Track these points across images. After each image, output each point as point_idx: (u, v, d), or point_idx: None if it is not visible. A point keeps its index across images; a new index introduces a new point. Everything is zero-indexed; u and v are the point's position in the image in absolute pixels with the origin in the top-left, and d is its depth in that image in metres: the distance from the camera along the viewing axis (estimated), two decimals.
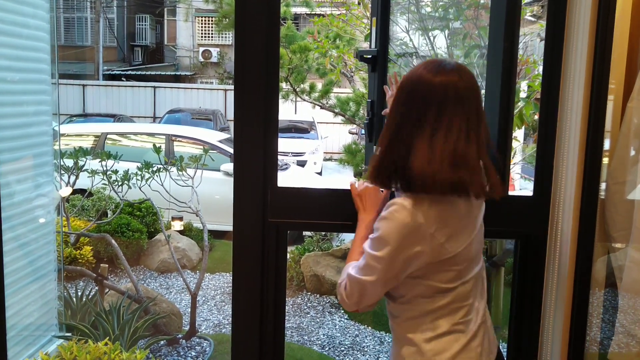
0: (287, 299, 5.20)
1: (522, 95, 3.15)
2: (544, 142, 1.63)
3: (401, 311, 1.38)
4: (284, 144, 10.94)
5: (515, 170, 5.97)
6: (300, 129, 12.54)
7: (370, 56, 2.12)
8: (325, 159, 11.99)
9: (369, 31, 3.97)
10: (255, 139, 1.59)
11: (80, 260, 5.08)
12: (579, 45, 1.53)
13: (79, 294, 3.94)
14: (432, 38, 3.16)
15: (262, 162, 1.60)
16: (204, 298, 5.20)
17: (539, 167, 1.65)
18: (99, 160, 4.37)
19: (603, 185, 1.57)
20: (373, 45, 2.15)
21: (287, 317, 4.90)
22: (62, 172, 4.34)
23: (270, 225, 1.65)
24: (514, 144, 3.91)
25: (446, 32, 3.11)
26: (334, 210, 1.68)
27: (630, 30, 1.54)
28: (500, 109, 1.54)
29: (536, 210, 1.66)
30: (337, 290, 1.40)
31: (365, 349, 4.49)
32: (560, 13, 1.57)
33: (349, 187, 1.56)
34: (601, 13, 1.48)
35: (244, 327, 1.71)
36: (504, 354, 1.60)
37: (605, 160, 1.55)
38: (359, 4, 4.43)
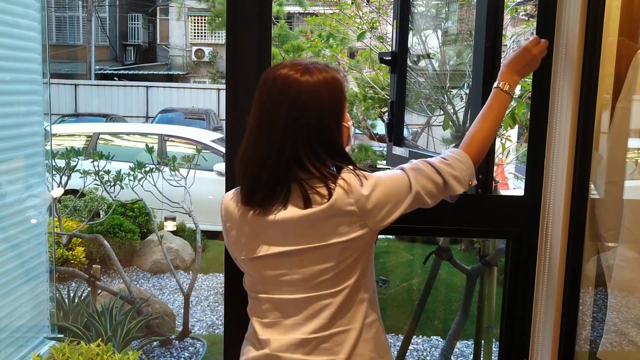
0: None
1: (516, 93, 3.16)
2: (535, 142, 1.64)
3: None
4: None
5: (509, 170, 6.00)
6: None
7: (390, 58, 2.16)
8: None
9: (362, 31, 3.99)
10: None
11: (72, 261, 5.05)
12: (568, 46, 1.54)
13: (71, 295, 3.93)
14: (424, 38, 3.16)
15: None
16: (197, 299, 5.19)
17: (530, 167, 1.66)
18: (91, 160, 4.35)
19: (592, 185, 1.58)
20: (393, 48, 2.19)
21: None
22: (54, 172, 4.32)
23: None
24: (507, 143, 3.93)
25: (438, 32, 3.12)
26: None
27: (620, 30, 1.55)
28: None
29: (527, 210, 1.67)
30: None
31: None
32: (550, 13, 1.58)
33: None
34: (590, 13, 1.49)
35: (236, 328, 1.70)
36: (496, 352, 1.61)
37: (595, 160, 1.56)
38: (352, 3, 4.43)
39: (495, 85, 1.44)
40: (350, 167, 1.26)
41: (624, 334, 1.52)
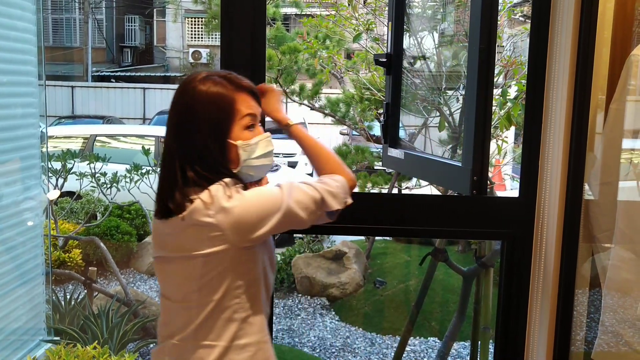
0: (277, 301, 5.21)
1: (512, 94, 3.18)
2: (529, 144, 1.65)
3: None
4: (275, 145, 10.90)
5: (506, 171, 6.01)
6: None
7: (385, 60, 2.17)
8: None
9: (358, 32, 4.00)
10: None
11: (69, 264, 5.04)
12: (562, 48, 1.54)
13: (68, 297, 3.92)
14: (420, 39, 3.17)
15: None
16: None
17: (525, 169, 1.66)
18: (87, 162, 4.35)
19: (585, 186, 1.58)
20: (388, 50, 2.19)
21: (277, 319, 4.91)
22: (50, 174, 4.31)
23: None
24: (504, 144, 3.93)
25: (434, 33, 3.13)
26: None
27: (613, 33, 1.56)
28: (477, 111, 1.55)
29: (522, 211, 1.67)
30: None
31: (356, 351, 4.49)
32: (544, 15, 1.58)
33: None
34: (584, 15, 1.49)
35: None
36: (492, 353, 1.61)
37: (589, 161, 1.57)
38: (348, 4, 4.44)
39: (287, 129, 1.45)
40: (230, 179, 1.25)
41: (618, 334, 1.53)
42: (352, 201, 1.34)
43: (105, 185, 4.39)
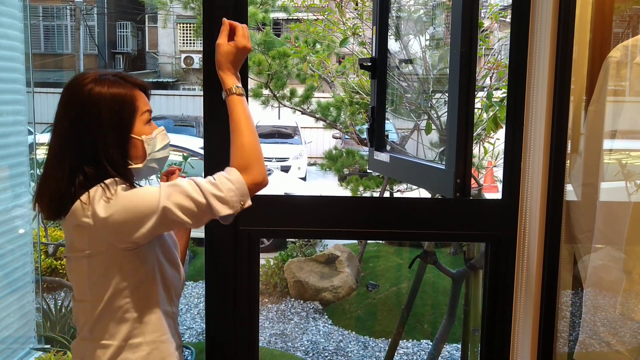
0: (270, 306, 5.21)
1: (499, 97, 3.20)
2: (512, 146, 1.66)
3: None
4: (268, 149, 10.93)
5: (498, 172, 6.02)
6: (284, 134, 12.54)
7: (370, 64, 2.18)
8: (310, 164, 12.01)
9: (345, 36, 4.01)
10: (226, 145, 1.59)
11: (61, 271, 5.03)
12: (541, 52, 1.56)
13: (58, 305, 3.90)
14: (408, 43, 3.19)
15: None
16: (186, 306, 5.17)
17: (507, 171, 1.68)
18: None
19: (569, 187, 1.59)
20: (373, 54, 2.21)
21: (270, 324, 4.91)
22: None
23: (242, 233, 1.66)
24: (495, 145, 3.95)
25: (421, 37, 3.15)
26: (305, 217, 1.69)
27: (592, 35, 1.57)
28: (459, 113, 1.56)
29: (505, 214, 1.68)
30: None
31: (349, 354, 4.49)
32: (523, 18, 1.60)
33: (320, 194, 1.56)
34: (562, 18, 1.51)
35: (218, 335, 1.71)
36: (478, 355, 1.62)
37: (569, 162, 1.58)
38: (336, 8, 4.46)
39: (226, 95, 1.33)
40: (112, 180, 1.25)
41: (599, 335, 1.54)
42: (251, 204, 1.26)
43: None
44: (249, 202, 1.25)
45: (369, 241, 5.93)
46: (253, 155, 1.28)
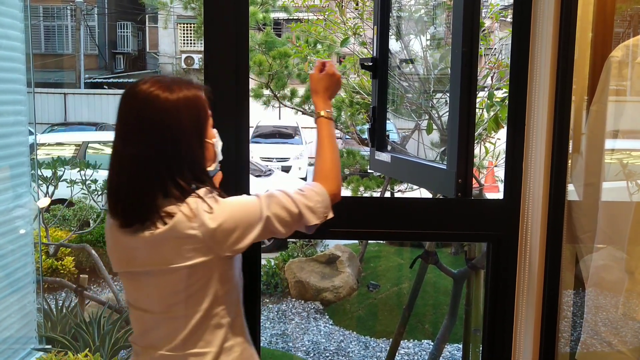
0: (271, 306, 5.20)
1: (500, 97, 3.19)
2: (513, 146, 1.66)
3: None
4: (269, 149, 10.93)
5: (499, 172, 6.01)
6: (285, 135, 12.53)
7: (371, 63, 2.18)
8: (310, 164, 12.01)
9: (346, 36, 4.01)
10: (227, 145, 1.59)
11: (61, 271, 5.03)
12: (543, 51, 1.55)
13: (59, 305, 3.90)
14: (408, 43, 3.19)
15: (233, 169, 1.59)
16: None
17: (509, 171, 1.67)
18: (78, 169, 4.34)
19: (570, 187, 1.59)
20: (374, 53, 2.20)
21: (271, 324, 4.90)
22: (41, 182, 4.30)
23: None
24: (496, 144, 3.95)
25: (421, 37, 3.14)
26: None
27: (594, 35, 1.57)
28: (460, 113, 1.56)
29: (507, 213, 1.68)
30: None
31: (350, 354, 4.49)
32: (525, 18, 1.59)
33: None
34: (563, 18, 1.50)
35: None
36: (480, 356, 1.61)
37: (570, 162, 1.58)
38: (337, 8, 4.45)
39: (315, 117, 1.46)
40: (204, 189, 1.25)
41: (601, 335, 1.54)
42: (333, 216, 1.34)
43: (96, 192, 4.38)
44: (331, 214, 1.34)
45: (370, 241, 5.93)
46: (334, 171, 1.38)
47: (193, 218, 1.21)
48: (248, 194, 1.63)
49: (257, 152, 10.18)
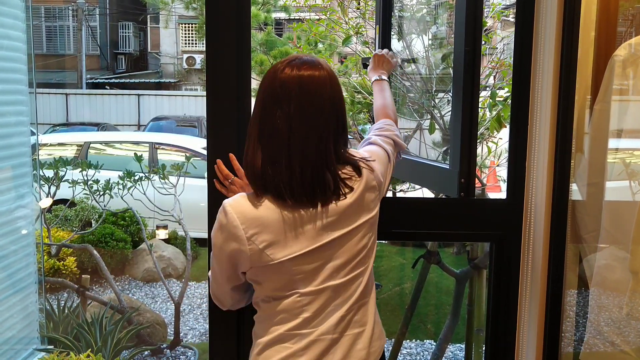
0: None
1: (503, 96, 3.18)
2: (516, 146, 1.65)
3: (256, 312, 1.42)
4: None
5: (501, 172, 6.00)
6: None
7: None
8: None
9: (348, 36, 4.00)
10: (229, 145, 1.59)
11: (64, 272, 5.03)
12: (546, 50, 1.55)
13: (61, 305, 3.90)
14: (410, 42, 3.18)
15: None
16: (189, 307, 5.17)
17: (511, 171, 1.67)
18: (80, 170, 4.34)
19: (574, 187, 1.58)
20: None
21: None
22: (42, 182, 4.30)
23: None
24: (499, 144, 3.93)
25: (423, 36, 3.13)
26: None
27: (597, 33, 1.56)
28: (463, 113, 1.56)
29: (510, 213, 1.67)
30: None
31: None
32: (527, 17, 1.59)
33: None
34: (567, 16, 1.50)
35: (221, 336, 1.70)
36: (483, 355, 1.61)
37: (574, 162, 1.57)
38: (338, 7, 4.44)
39: (374, 79, 1.81)
40: (352, 149, 1.39)
41: (605, 335, 1.53)
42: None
43: (98, 193, 4.38)
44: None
45: None
46: (395, 113, 1.71)
47: (373, 170, 1.37)
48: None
49: None
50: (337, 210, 1.30)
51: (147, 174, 4.54)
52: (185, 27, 17.99)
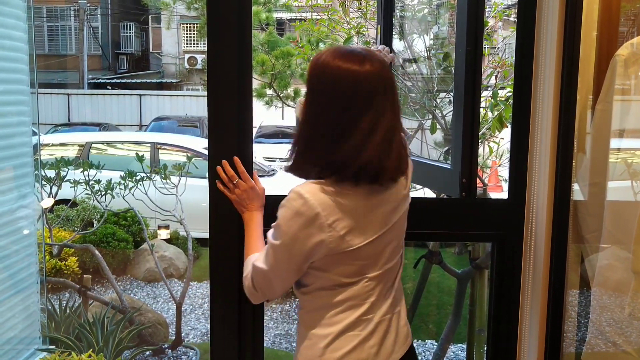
0: (275, 306, 5.20)
1: (504, 96, 3.18)
2: (517, 146, 1.65)
3: (305, 302, 1.38)
4: (272, 149, 10.92)
5: (503, 172, 5.99)
6: (288, 135, 12.52)
7: None
8: None
9: (349, 36, 3.99)
10: (230, 145, 1.59)
11: (65, 272, 5.03)
12: (548, 50, 1.54)
13: (63, 305, 3.90)
14: (411, 42, 3.18)
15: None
16: (191, 307, 5.17)
17: (513, 171, 1.66)
18: (81, 170, 4.34)
19: (575, 187, 1.58)
20: None
21: (275, 324, 4.90)
22: (44, 182, 4.31)
23: None
24: (500, 143, 3.93)
25: (424, 36, 3.14)
26: None
27: (599, 33, 1.56)
28: (464, 113, 1.55)
29: (511, 213, 1.67)
30: (243, 283, 1.39)
31: None
32: (529, 17, 1.58)
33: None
34: (568, 17, 1.49)
35: (222, 336, 1.70)
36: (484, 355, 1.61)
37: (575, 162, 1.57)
38: (339, 7, 4.44)
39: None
40: None
41: (607, 335, 1.52)
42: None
43: (99, 193, 4.38)
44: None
45: None
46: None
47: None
48: None
49: (261, 152, 10.18)
50: (399, 194, 1.37)
51: (148, 174, 4.55)
52: (186, 27, 18.00)
